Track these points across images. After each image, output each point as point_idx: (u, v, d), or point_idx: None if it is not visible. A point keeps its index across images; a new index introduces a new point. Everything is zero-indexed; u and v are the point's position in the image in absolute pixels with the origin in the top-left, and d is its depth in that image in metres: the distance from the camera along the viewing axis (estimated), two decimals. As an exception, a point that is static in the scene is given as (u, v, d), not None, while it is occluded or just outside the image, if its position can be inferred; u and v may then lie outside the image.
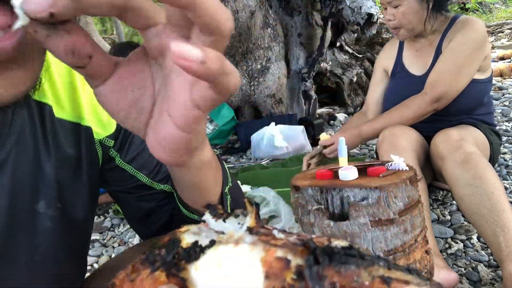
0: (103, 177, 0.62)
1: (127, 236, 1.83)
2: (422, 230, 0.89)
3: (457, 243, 1.44)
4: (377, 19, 3.11)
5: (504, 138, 2.43)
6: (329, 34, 3.29)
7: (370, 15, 3.00)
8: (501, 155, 2.14)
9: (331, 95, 3.85)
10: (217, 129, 2.84)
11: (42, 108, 0.52)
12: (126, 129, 0.59)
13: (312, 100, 3.23)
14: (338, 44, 3.52)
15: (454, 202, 1.70)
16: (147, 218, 0.65)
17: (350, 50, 3.60)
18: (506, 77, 4.25)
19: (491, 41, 7.29)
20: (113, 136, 0.59)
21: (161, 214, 0.65)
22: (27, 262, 0.51)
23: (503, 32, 7.93)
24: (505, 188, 1.69)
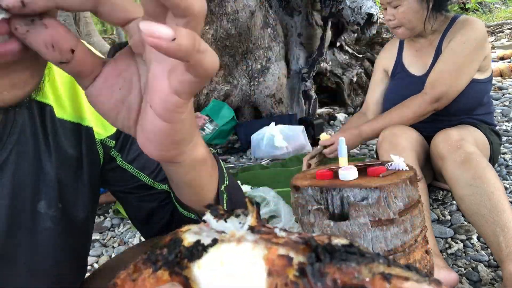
0: (104, 177, 0.62)
1: (127, 236, 1.83)
2: (422, 230, 0.90)
3: (457, 243, 1.44)
4: (377, 19, 3.11)
5: (504, 138, 2.43)
6: (329, 34, 3.29)
7: (370, 15, 3.00)
8: (501, 155, 2.14)
9: (331, 95, 3.85)
10: (217, 129, 2.84)
11: (43, 109, 0.52)
12: None
13: (312, 100, 3.23)
14: (338, 44, 3.52)
15: (454, 202, 1.70)
16: (149, 218, 0.65)
17: (350, 50, 3.60)
18: (506, 77, 4.25)
19: (491, 41, 7.29)
20: (114, 137, 0.59)
21: (163, 214, 0.65)
22: (27, 262, 0.51)
23: (503, 32, 7.93)
24: (505, 188, 1.69)
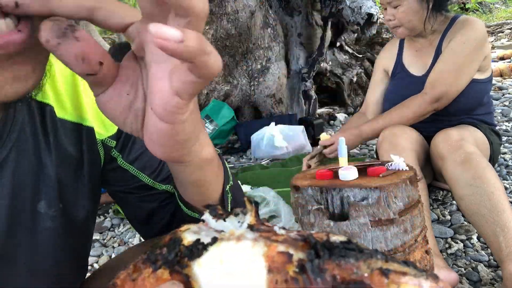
0: (105, 177, 0.62)
1: (127, 236, 1.83)
2: (422, 230, 0.89)
3: (457, 243, 1.44)
4: (377, 19, 3.11)
5: (504, 138, 2.43)
6: (329, 34, 3.29)
7: (370, 15, 3.00)
8: (501, 155, 2.14)
9: (331, 95, 3.85)
10: (217, 129, 2.84)
11: (43, 108, 0.52)
12: None
13: (312, 100, 3.23)
14: (338, 44, 3.52)
15: (454, 202, 1.70)
16: (149, 219, 0.65)
17: (350, 50, 3.60)
18: (506, 77, 4.25)
19: (491, 41, 7.29)
20: (115, 137, 0.59)
21: (163, 214, 0.65)
22: (27, 262, 0.51)
23: (503, 32, 7.93)
24: (505, 188, 1.69)
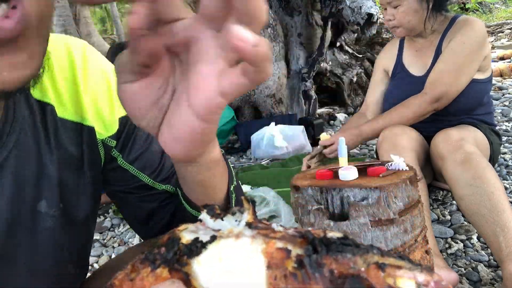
0: (105, 177, 0.62)
1: (127, 236, 1.83)
2: (422, 230, 0.89)
3: (457, 243, 1.44)
4: (377, 19, 3.11)
5: (504, 138, 2.43)
6: (329, 34, 3.29)
7: (370, 15, 3.00)
8: (501, 155, 2.14)
9: (331, 95, 3.85)
10: (217, 129, 2.84)
11: (44, 108, 0.52)
12: (129, 129, 0.59)
13: (312, 100, 3.23)
14: (338, 44, 3.52)
15: (454, 202, 1.70)
16: (149, 219, 0.65)
17: (350, 50, 3.60)
18: (506, 77, 4.25)
19: (491, 41, 7.29)
20: (115, 136, 0.59)
21: (163, 215, 0.64)
22: (27, 262, 0.51)
23: (503, 32, 7.93)
24: (505, 188, 1.69)
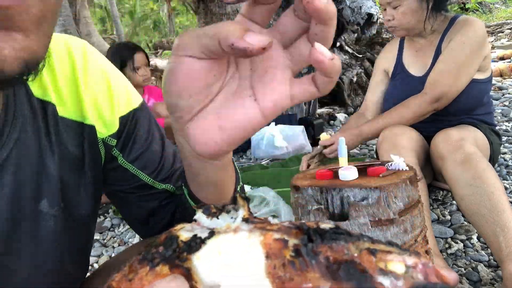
0: (105, 177, 0.61)
1: (127, 236, 1.83)
2: (422, 230, 0.89)
3: (457, 243, 1.44)
4: (377, 19, 3.11)
5: (504, 138, 2.43)
6: (329, 34, 3.29)
7: (370, 15, 3.00)
8: (501, 155, 2.14)
9: (331, 95, 3.84)
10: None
11: (45, 107, 0.52)
12: (129, 129, 0.59)
13: (312, 100, 3.23)
14: (338, 44, 3.52)
15: (454, 202, 1.70)
16: (150, 219, 0.65)
17: (350, 50, 3.60)
18: (506, 77, 4.25)
19: (491, 41, 7.29)
20: (116, 135, 0.59)
21: (164, 214, 0.64)
22: (28, 262, 0.51)
23: (503, 32, 7.93)
24: (505, 188, 1.69)
